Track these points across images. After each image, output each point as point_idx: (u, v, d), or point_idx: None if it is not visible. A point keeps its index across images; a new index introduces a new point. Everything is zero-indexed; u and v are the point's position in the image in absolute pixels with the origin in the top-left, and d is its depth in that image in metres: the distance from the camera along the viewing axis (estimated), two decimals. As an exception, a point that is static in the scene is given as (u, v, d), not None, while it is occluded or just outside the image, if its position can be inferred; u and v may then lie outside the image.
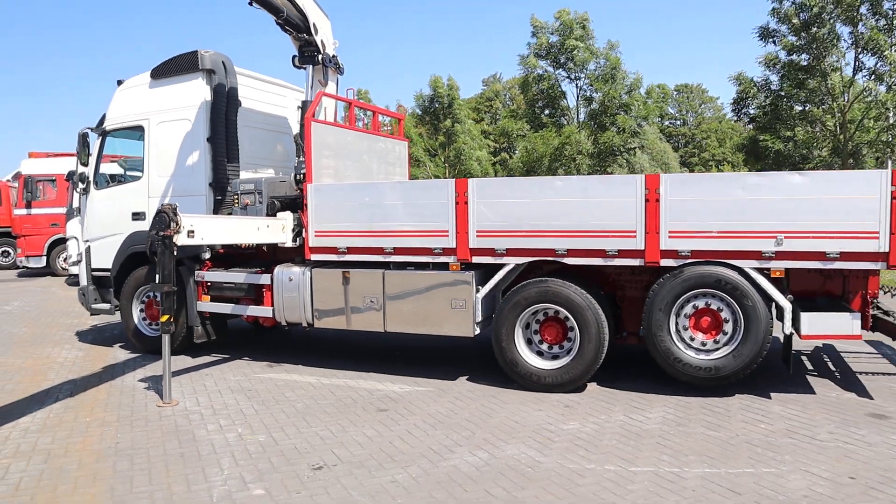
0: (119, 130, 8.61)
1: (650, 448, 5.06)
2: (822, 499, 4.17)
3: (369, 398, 6.48)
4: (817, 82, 16.32)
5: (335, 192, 7.45)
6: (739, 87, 17.33)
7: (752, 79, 17.14)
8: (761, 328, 6.01)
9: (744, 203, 5.98)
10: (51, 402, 6.38)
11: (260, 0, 7.58)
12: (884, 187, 5.63)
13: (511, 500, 4.21)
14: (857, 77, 15.55)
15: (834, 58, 16.07)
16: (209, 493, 4.36)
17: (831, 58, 16.05)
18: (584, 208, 6.39)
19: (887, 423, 5.47)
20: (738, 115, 17.86)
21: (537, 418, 5.80)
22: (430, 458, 4.91)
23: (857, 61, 15.93)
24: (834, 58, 16.07)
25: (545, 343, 6.79)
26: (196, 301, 8.09)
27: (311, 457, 4.97)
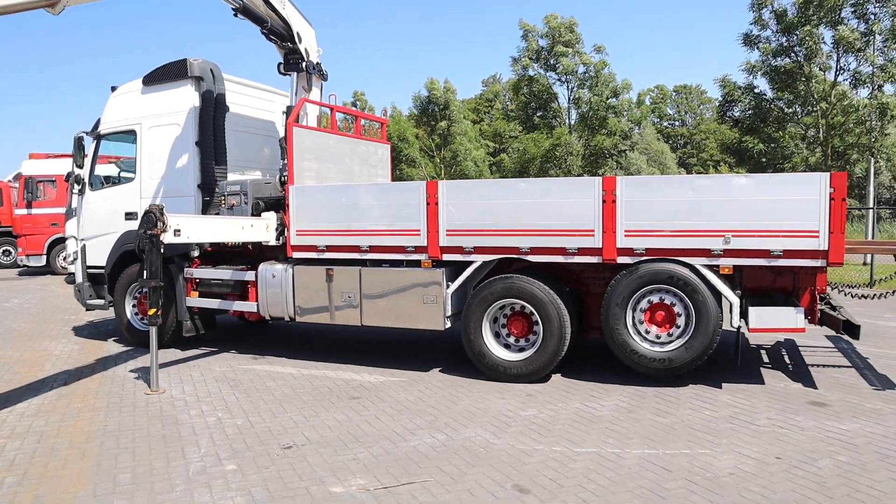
0: (113, 134, 9.03)
1: (598, 432, 5.44)
2: (746, 476, 4.55)
3: (344, 387, 6.88)
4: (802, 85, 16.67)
5: (315, 193, 7.86)
6: (724, 90, 17.70)
7: (735, 82, 17.52)
8: (711, 322, 6.39)
9: (694, 204, 6.36)
10: (45, 391, 6.80)
11: (245, 12, 8.01)
12: (823, 189, 6.01)
13: (460, 475, 4.61)
14: (838, 80, 15.89)
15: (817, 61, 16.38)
16: (186, 468, 4.77)
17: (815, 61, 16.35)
18: (547, 209, 6.78)
19: (824, 411, 5.85)
20: (723, 118, 18.20)
21: (499, 405, 6.19)
22: (391, 440, 5.31)
23: (839, 65, 16.31)
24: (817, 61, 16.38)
25: (512, 336, 7.18)
26: (185, 297, 8.50)
27: (283, 438, 5.38)
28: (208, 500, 4.26)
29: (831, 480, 4.43)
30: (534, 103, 24.22)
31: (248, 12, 8.02)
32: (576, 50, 23.62)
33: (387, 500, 4.25)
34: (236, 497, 4.29)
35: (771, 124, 16.83)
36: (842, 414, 5.74)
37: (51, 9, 5.12)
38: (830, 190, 5.99)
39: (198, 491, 4.39)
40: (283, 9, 8.41)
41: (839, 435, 5.24)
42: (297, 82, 9.00)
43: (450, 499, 4.24)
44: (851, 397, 6.21)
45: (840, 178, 6.01)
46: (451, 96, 32.69)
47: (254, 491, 4.38)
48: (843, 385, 6.63)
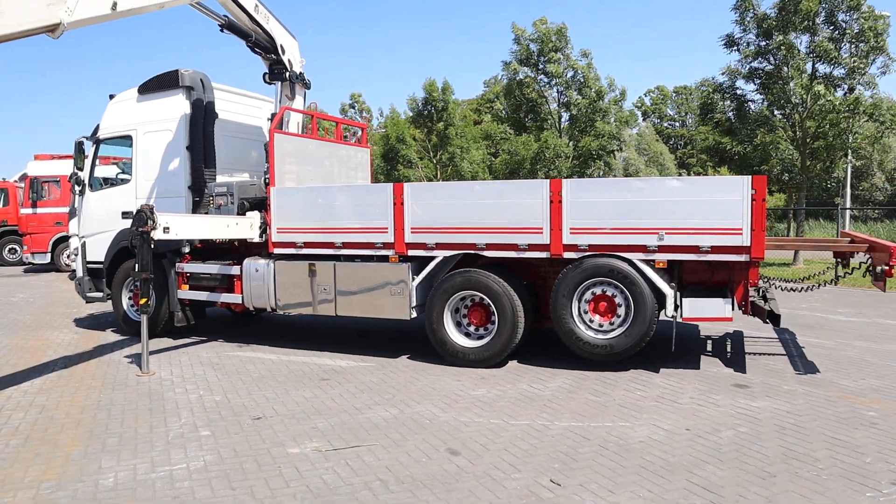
0: (111, 139, 9.75)
1: (536, 408, 6.10)
2: (654, 443, 5.19)
3: (317, 371, 7.56)
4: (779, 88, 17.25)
5: (294, 194, 8.55)
6: (704, 92, 18.26)
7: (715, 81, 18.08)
8: (647, 312, 7.03)
9: (632, 204, 7.01)
10: (47, 372, 7.51)
11: (230, 27, 8.72)
12: (746, 191, 6.64)
13: (402, 441, 5.28)
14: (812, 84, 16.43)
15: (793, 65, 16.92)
16: (166, 433, 5.46)
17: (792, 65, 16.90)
18: (500, 208, 7.44)
19: (743, 391, 6.49)
20: (704, 121, 18.77)
21: (452, 386, 6.85)
22: (349, 413, 5.99)
23: (814, 70, 16.83)
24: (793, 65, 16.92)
25: (472, 325, 7.85)
26: (177, 290, 9.20)
27: (255, 411, 6.06)
28: (182, 457, 4.95)
29: (727, 447, 5.07)
30: (524, 106, 24.85)
31: (233, 28, 8.73)
32: (565, 54, 24.24)
33: (335, 458, 4.93)
34: (206, 455, 4.98)
35: (749, 125, 17.41)
36: (758, 394, 6.38)
37: (51, 33, 5.79)
38: (752, 192, 6.62)
39: (174, 450, 5.08)
40: (267, 23, 9.11)
41: (748, 411, 5.88)
42: (281, 91, 9.71)
43: (388, 458, 4.91)
44: (773, 380, 6.85)
45: (760, 181, 6.65)
46: (449, 97, 33.33)
47: (222, 451, 5.07)
48: (770, 370, 7.26)
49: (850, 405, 5.99)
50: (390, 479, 4.56)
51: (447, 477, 4.58)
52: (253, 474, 4.65)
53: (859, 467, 4.63)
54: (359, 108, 42.77)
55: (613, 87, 23.25)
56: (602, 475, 4.58)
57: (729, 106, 17.73)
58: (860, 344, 8.46)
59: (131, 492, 4.39)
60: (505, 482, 4.49)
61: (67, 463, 4.87)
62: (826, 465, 4.67)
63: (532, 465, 4.76)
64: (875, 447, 4.99)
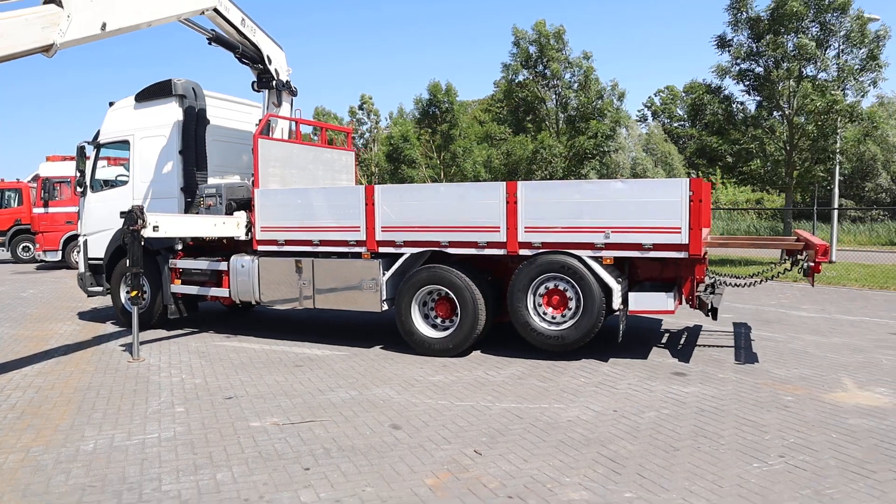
0: (110, 144, 10.45)
1: (484, 392, 6.66)
2: (580, 422, 5.73)
3: (294, 358, 8.18)
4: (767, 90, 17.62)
5: (276, 195, 9.18)
6: (693, 94, 18.61)
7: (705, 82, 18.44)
8: (595, 305, 7.55)
9: (580, 205, 7.54)
10: (47, 359, 8.21)
11: (217, 40, 9.38)
12: (684, 192, 7.15)
13: (353, 417, 5.87)
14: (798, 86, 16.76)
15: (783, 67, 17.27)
16: (146, 410, 6.11)
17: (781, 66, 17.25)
18: (462, 209, 8.01)
19: (679, 379, 7.00)
20: (693, 123, 19.10)
21: (414, 372, 7.44)
22: (312, 394, 6.60)
23: (800, 71, 17.14)
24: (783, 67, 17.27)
25: (439, 318, 8.42)
26: (170, 284, 9.88)
27: (228, 392, 6.69)
28: (156, 428, 5.59)
29: (645, 426, 5.60)
30: (523, 108, 25.36)
31: (220, 41, 9.39)
32: (564, 56, 24.72)
33: (290, 430, 5.54)
34: (177, 427, 5.62)
35: (738, 126, 17.78)
36: (692, 381, 6.89)
37: (46, 53, 6.45)
38: (690, 193, 7.13)
39: (150, 423, 5.72)
40: (254, 36, 9.75)
41: (677, 395, 6.40)
42: (268, 98, 10.36)
43: (337, 431, 5.51)
44: (711, 369, 7.35)
45: (697, 183, 7.15)
46: (454, 98, 33.96)
47: (192, 424, 5.70)
48: (712, 360, 7.76)
49: (773, 391, 6.48)
50: (333, 447, 5.15)
51: (384, 447, 5.17)
52: (214, 443, 5.27)
53: (757, 443, 5.14)
54: (367, 110, 43.53)
55: (616, 88, 23.68)
56: (522, 447, 5.14)
57: (718, 106, 18.09)
58: (809, 337, 8.92)
59: (107, 454, 5.02)
60: (434, 452, 5.06)
61: (55, 432, 5.53)
62: (728, 441, 5.19)
63: (463, 439, 5.33)
64: (778, 426, 5.49)
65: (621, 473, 4.64)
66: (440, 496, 4.31)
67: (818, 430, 5.39)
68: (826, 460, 4.78)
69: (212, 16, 9.00)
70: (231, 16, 9.20)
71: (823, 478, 4.50)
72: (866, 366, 7.38)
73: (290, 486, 4.47)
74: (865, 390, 6.45)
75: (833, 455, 4.87)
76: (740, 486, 4.40)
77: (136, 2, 7.23)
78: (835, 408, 5.94)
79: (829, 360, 7.65)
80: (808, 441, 5.15)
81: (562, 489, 4.39)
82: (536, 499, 4.26)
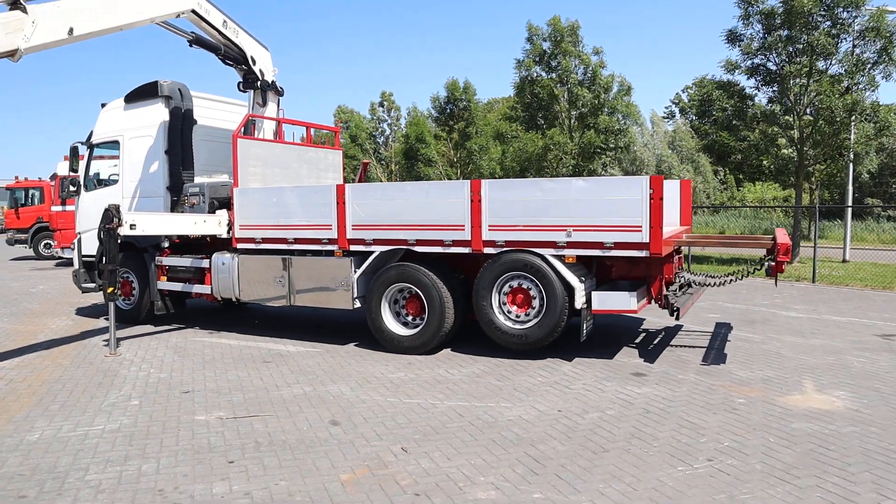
0: (102, 144, 10.76)
1: (437, 390, 6.67)
2: (519, 421, 5.71)
3: (265, 355, 8.32)
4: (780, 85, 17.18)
5: (254, 194, 9.34)
6: (703, 90, 18.21)
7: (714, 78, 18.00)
8: (558, 304, 7.50)
9: (542, 203, 7.50)
10: (29, 353, 8.51)
11: (199, 42, 9.57)
12: (644, 190, 7.05)
13: (297, 413, 5.96)
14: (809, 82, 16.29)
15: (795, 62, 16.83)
16: (102, 402, 6.30)
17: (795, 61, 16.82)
18: (428, 207, 8.04)
19: (637, 379, 6.91)
20: (702, 119, 18.71)
21: (376, 369, 7.50)
22: (268, 389, 6.71)
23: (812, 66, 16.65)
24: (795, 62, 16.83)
25: (410, 315, 8.47)
26: (157, 281, 10.14)
27: (187, 386, 6.85)
28: (103, 420, 5.77)
29: (584, 426, 5.55)
30: (536, 105, 25.16)
31: (201, 42, 9.58)
32: (577, 52, 24.46)
33: (230, 424, 5.65)
34: (124, 419, 5.79)
35: (748, 123, 17.37)
36: (649, 382, 6.80)
37: (11, 58, 6.68)
38: (650, 191, 7.02)
39: (100, 415, 5.90)
40: (237, 37, 9.92)
41: (628, 396, 6.33)
42: (253, 98, 10.53)
43: (275, 426, 5.60)
44: (673, 370, 7.23)
45: (657, 181, 7.03)
46: (471, 96, 33.91)
47: (139, 417, 5.86)
48: (678, 361, 7.63)
49: (727, 393, 6.36)
50: (265, 442, 5.25)
51: (315, 442, 5.24)
52: (154, 435, 5.42)
53: (690, 446, 5.07)
54: (388, 107, 43.74)
55: (623, 83, 23.35)
56: (451, 445, 5.16)
57: (728, 102, 17.70)
58: (788, 338, 8.70)
59: (47, 445, 5.21)
60: (361, 448, 5.12)
61: (8, 423, 5.75)
62: (661, 444, 5.12)
63: (395, 436, 5.37)
64: (718, 429, 5.40)
65: (539, 474, 4.62)
66: (349, 492, 4.36)
67: (758, 433, 5.28)
68: (753, 465, 4.69)
69: (192, 18, 9.19)
70: (212, 18, 9.38)
71: (743, 482, 4.41)
72: (834, 368, 7.18)
73: (207, 478, 4.57)
74: (823, 393, 6.28)
75: (762, 459, 4.77)
76: (655, 489, 4.35)
77: (105, 6, 7.43)
78: (784, 411, 5.80)
79: (798, 362, 7.47)
80: (742, 444, 5.06)
81: (472, 488, 4.40)
82: (443, 497, 4.28)
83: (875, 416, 5.62)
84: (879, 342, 8.42)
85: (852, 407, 5.86)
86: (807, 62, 16.26)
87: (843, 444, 5.00)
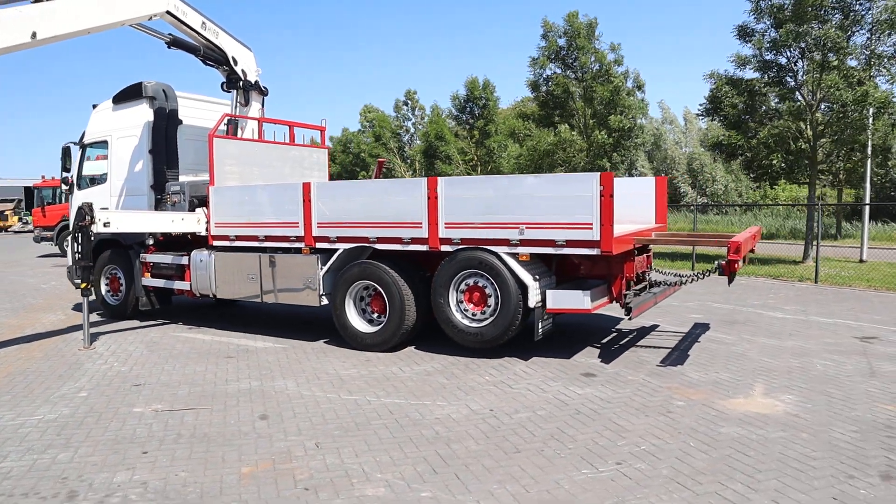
0: (94, 144, 11.10)
1: (380, 387, 6.68)
2: (447, 420, 5.68)
3: (231, 350, 8.45)
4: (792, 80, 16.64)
5: (227, 192, 9.50)
6: (714, 84, 17.70)
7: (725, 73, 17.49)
8: (512, 302, 7.43)
9: (495, 200, 7.43)
10: (10, 346, 8.83)
11: (177, 43, 9.79)
12: (595, 187, 6.92)
13: (233, 406, 6.05)
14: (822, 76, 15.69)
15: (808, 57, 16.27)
16: (53, 394, 6.50)
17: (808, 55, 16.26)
18: (388, 205, 8.05)
19: (584, 380, 6.79)
20: (712, 116, 18.19)
21: (331, 366, 7.55)
22: (216, 384, 6.83)
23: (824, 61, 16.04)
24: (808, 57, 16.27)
25: (375, 313, 8.50)
26: (141, 277, 10.41)
27: (142, 379, 7.03)
28: (46, 411, 5.97)
29: (507, 426, 5.49)
30: (551, 102, 24.92)
31: (179, 44, 9.79)
32: (594, 48, 24.15)
33: (164, 416, 5.78)
34: (65, 410, 5.98)
35: (759, 118, 16.85)
36: (595, 383, 6.67)
37: (-26, 60, 6.96)
38: (601, 188, 6.89)
39: (44, 406, 6.11)
40: (217, 38, 10.11)
41: (566, 397, 6.23)
42: (235, 98, 10.71)
43: (205, 419, 5.71)
44: (626, 371, 7.08)
45: (607, 178, 6.89)
46: (490, 94, 33.81)
47: (81, 408, 6.04)
48: (635, 362, 7.46)
49: (669, 395, 6.20)
50: (187, 434, 5.35)
51: (235, 435, 5.32)
52: (86, 425, 5.58)
53: (606, 448, 4.96)
54: (412, 106, 43.91)
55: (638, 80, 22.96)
56: (365, 442, 5.17)
57: (738, 98, 17.20)
58: (761, 340, 8.43)
59: (-18, 434, 5.43)
60: (277, 442, 5.17)
61: (-43, 413, 6.01)
62: (576, 446, 5.03)
63: (316, 432, 5.41)
64: (642, 432, 5.27)
65: (439, 473, 4.60)
66: (243, 484, 4.42)
67: (681, 437, 5.14)
68: (660, 469, 4.57)
69: (169, 20, 9.40)
70: (189, 20, 9.58)
71: (642, 487, 4.31)
72: (794, 371, 6.92)
73: (115, 467, 4.69)
74: (769, 397, 6.07)
75: (673, 464, 4.64)
76: (548, 492, 4.28)
77: (71, 10, 7.66)
78: (719, 415, 5.63)
79: (759, 365, 7.23)
80: (659, 448, 4.93)
81: (364, 485, 4.41)
82: (330, 492, 4.30)
83: (811, 421, 5.41)
84: (855, 345, 8.08)
85: (792, 412, 5.65)
86: (817, 57, 15.67)
87: (763, 451, 4.83)
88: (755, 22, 17.31)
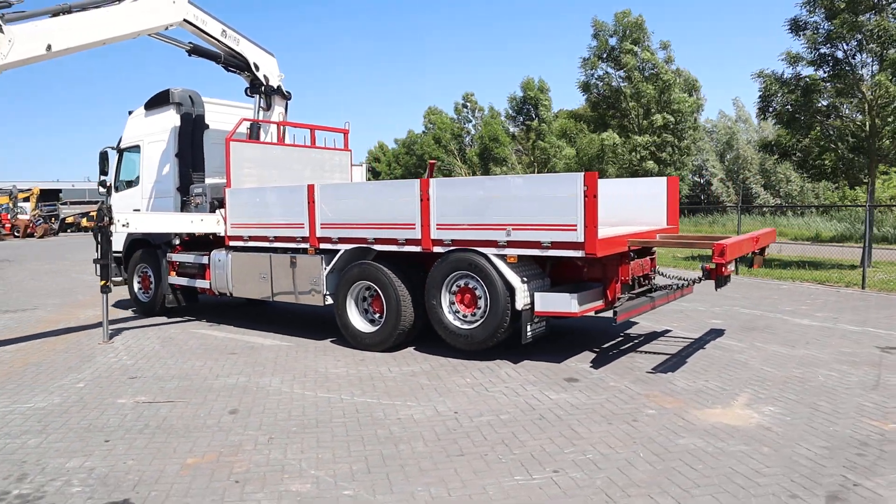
0: (129, 148, 11.75)
1: (357, 387, 6.74)
2: (409, 421, 5.68)
3: (237, 346, 8.75)
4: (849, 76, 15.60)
5: (242, 194, 9.84)
6: (763, 84, 16.74)
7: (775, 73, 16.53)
8: (500, 304, 7.33)
9: (484, 202, 7.36)
10: (40, 338, 9.47)
11: (197, 51, 10.23)
12: (579, 188, 6.73)
13: (212, 401, 6.27)
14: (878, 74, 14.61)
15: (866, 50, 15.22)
16: (54, 384, 6.94)
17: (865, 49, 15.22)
18: (385, 206, 8.12)
19: (562, 385, 6.61)
20: (764, 115, 17.19)
21: (322, 365, 7.69)
22: (206, 378, 7.09)
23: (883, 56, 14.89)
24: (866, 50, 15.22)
25: (377, 313, 8.59)
26: (168, 276, 10.94)
27: (139, 373, 7.39)
28: (39, 400, 6.38)
29: (464, 428, 5.43)
30: (603, 103, 24.38)
31: (199, 52, 10.22)
32: (644, 46, 23.48)
33: (143, 408, 6.07)
34: (55, 399, 6.37)
35: (812, 116, 15.87)
36: (573, 388, 6.48)
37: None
38: (585, 188, 6.70)
39: (40, 395, 6.53)
40: (238, 45, 10.50)
41: (535, 401, 6.08)
42: (258, 103, 11.08)
43: (179, 412, 5.94)
44: (611, 377, 6.84)
45: (592, 178, 6.69)
46: (543, 95, 33.42)
47: (72, 398, 6.42)
48: (626, 368, 7.20)
49: (644, 403, 5.96)
50: (154, 425, 5.60)
51: (198, 428, 5.52)
52: (70, 414, 5.93)
53: (551, 455, 4.83)
54: (471, 108, 43.96)
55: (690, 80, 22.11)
56: (316, 439, 5.25)
57: (790, 97, 16.25)
58: (772, 348, 7.93)
59: (-24, 419, 5.86)
60: (233, 436, 5.33)
61: (-36, 397, 6.51)
62: (523, 451, 4.92)
63: (275, 427, 5.53)
64: (597, 440, 5.10)
65: (372, 472, 4.61)
66: (181, 474, 4.58)
67: (634, 446, 4.93)
68: (595, 479, 4.40)
69: (189, 29, 9.84)
70: (209, 28, 9.99)
71: (567, 497, 4.17)
72: (791, 382, 6.48)
73: (74, 454, 4.96)
74: (749, 409, 5.72)
75: (611, 475, 4.46)
76: (470, 497, 4.21)
77: (86, 22, 8.14)
78: (686, 425, 5.36)
79: (755, 374, 6.81)
80: (605, 458, 4.75)
81: (293, 480, 4.48)
82: (257, 485, 4.39)
83: (781, 435, 5.06)
84: (873, 355, 7.48)
85: (766, 425, 5.30)
86: (876, 50, 14.61)
87: (713, 465, 4.56)
88: (808, 15, 16.34)
